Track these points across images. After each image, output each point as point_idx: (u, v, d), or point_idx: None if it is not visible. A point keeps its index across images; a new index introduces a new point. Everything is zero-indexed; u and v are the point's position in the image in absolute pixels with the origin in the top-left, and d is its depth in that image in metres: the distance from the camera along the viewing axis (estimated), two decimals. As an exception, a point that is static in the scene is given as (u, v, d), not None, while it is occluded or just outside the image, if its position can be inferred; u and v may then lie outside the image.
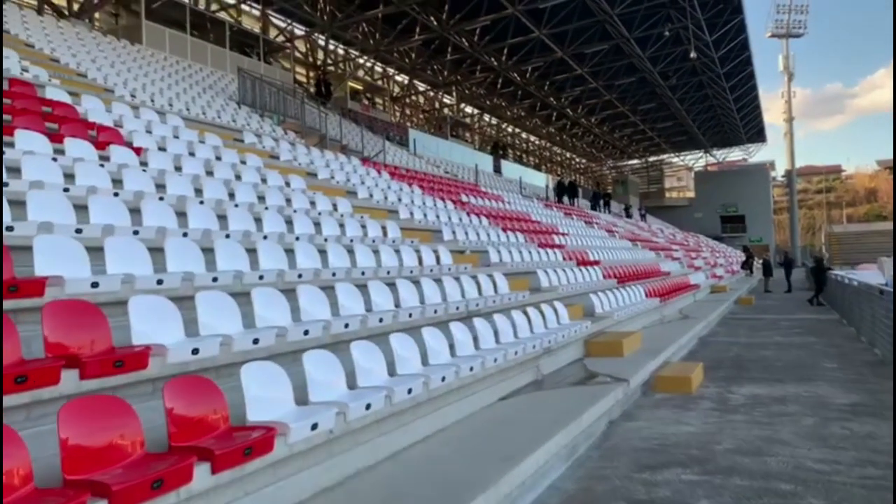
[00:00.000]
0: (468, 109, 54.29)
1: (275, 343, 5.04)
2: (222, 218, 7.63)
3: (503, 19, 34.52)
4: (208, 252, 6.16)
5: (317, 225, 9.05)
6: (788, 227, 78.07)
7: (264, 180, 10.94)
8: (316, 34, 36.98)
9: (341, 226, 9.55)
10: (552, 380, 8.13)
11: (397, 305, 7.26)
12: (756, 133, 71.19)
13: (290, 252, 7.28)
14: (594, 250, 19.10)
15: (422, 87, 47.79)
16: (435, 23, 34.92)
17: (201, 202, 7.95)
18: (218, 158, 11.03)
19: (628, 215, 47.53)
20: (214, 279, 5.66)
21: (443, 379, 5.48)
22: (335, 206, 10.85)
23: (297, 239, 7.87)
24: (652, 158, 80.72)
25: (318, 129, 21.57)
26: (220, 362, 4.66)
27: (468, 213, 16.30)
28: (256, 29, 34.34)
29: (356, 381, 5.06)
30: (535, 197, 32.16)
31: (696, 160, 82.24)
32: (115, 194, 6.97)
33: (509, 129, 60.98)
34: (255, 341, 4.81)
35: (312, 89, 34.65)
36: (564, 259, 15.71)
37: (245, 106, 21.13)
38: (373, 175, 16.43)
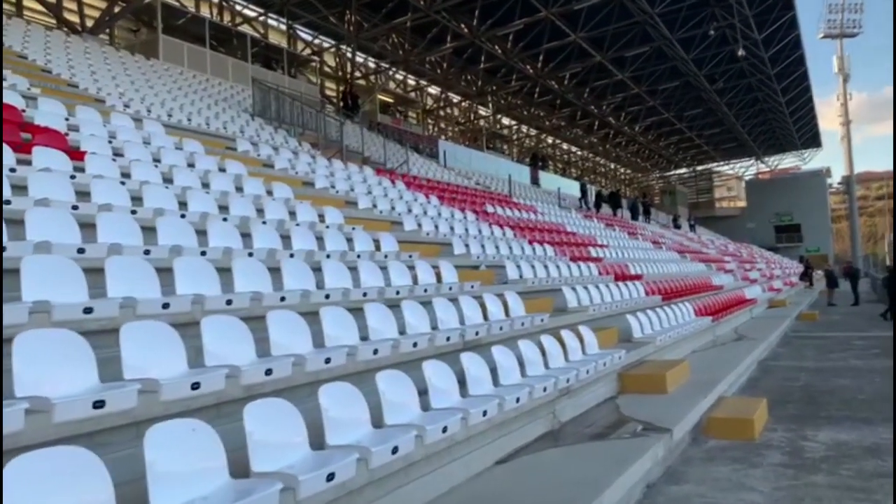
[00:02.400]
0: (505, 121, 52.69)
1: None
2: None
3: (537, 24, 32.88)
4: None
5: (285, 238, 7.50)
6: (848, 236, 73.98)
7: (270, 193, 9.64)
8: (343, 46, 35.99)
9: (319, 238, 7.99)
10: (572, 430, 6.37)
11: (363, 338, 5.63)
12: (811, 138, 67.66)
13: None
14: (636, 263, 17.18)
15: (456, 98, 46.40)
16: (465, 30, 33.51)
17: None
18: (191, 166, 9.65)
19: (676, 226, 45.09)
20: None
21: (394, 451, 3.81)
22: (321, 217, 9.33)
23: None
24: (700, 167, 77.67)
25: (338, 140, 20.35)
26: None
27: (491, 225, 14.63)
28: (283, 43, 33.52)
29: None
30: (574, 208, 30.31)
31: (747, 168, 78.86)
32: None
33: (549, 140, 59.09)
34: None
35: (340, 102, 33.60)
36: (600, 274, 13.87)
37: (259, 118, 20.02)
38: (385, 185, 14.92)
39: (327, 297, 6.11)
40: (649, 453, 5.43)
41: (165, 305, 4.66)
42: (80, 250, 5.06)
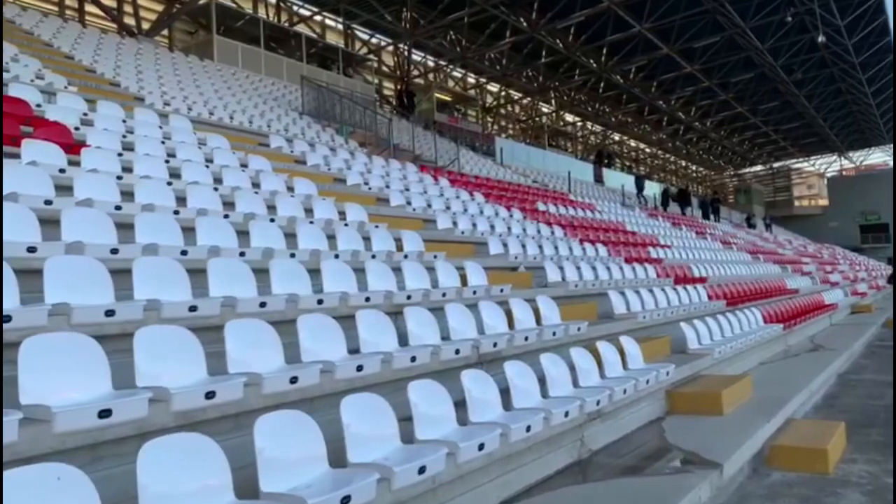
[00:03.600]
0: (569, 118, 51.23)
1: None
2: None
3: (599, 15, 31.55)
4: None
5: (290, 237, 6.84)
6: (942, 236, 68.75)
7: (291, 188, 9.11)
8: (400, 45, 35.57)
9: (330, 237, 7.29)
10: (603, 461, 5.43)
11: (353, 351, 4.88)
12: (901, 131, 63.18)
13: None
14: (701, 265, 15.88)
15: (517, 95, 45.32)
16: (525, 24, 32.48)
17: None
18: (210, 161, 9.14)
19: (750, 225, 42.73)
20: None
21: (345, 501, 3.02)
22: (341, 215, 8.65)
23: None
24: (777, 164, 73.83)
25: (388, 138, 19.82)
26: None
27: (539, 223, 13.69)
28: (340, 43, 33.32)
29: None
30: (638, 206, 28.89)
31: (829, 164, 74.46)
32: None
33: (615, 137, 57.21)
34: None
35: (395, 101, 33.20)
36: (658, 276, 12.73)
37: (308, 116, 19.66)
38: (426, 182, 14.19)
39: (320, 302, 5.38)
40: (689, 497, 4.46)
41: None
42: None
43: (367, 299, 5.84)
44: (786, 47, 36.72)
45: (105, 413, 3.05)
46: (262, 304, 4.93)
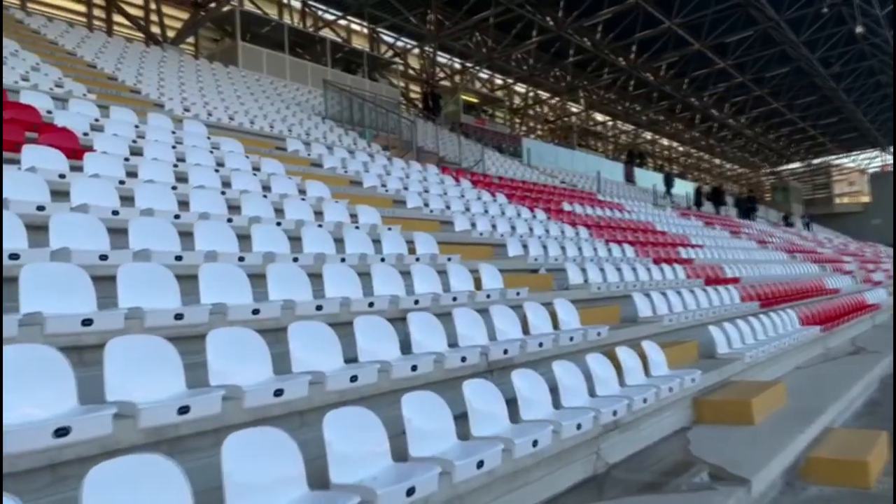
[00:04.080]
0: (599, 117, 50.52)
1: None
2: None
3: (627, 12, 30.95)
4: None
5: (295, 241, 6.60)
6: None
7: (303, 191, 8.93)
8: (426, 47, 35.40)
9: (338, 241, 7.04)
10: (622, 475, 5.06)
11: (350, 360, 4.61)
12: (945, 124, 60.98)
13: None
14: (734, 265, 15.30)
15: (545, 95, 44.79)
16: (551, 23, 32.04)
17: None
18: (221, 165, 8.98)
19: (788, 224, 41.56)
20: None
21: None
22: (353, 217, 8.41)
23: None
24: (816, 161, 71.86)
25: (411, 141, 19.64)
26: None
27: (563, 224, 13.30)
28: (366, 47, 33.26)
29: None
30: (670, 206, 28.25)
31: (871, 160, 72.21)
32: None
33: (647, 136, 56.27)
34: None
35: (420, 104, 33.03)
36: (688, 277, 12.25)
37: (331, 120, 19.55)
38: (448, 183, 13.91)
39: (319, 308, 5.13)
40: (713, 518, 4.09)
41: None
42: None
43: (371, 304, 5.58)
44: (822, 40, 35.59)
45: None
46: (255, 312, 4.69)
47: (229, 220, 6.58)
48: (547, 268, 9.64)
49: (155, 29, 24.06)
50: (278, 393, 3.74)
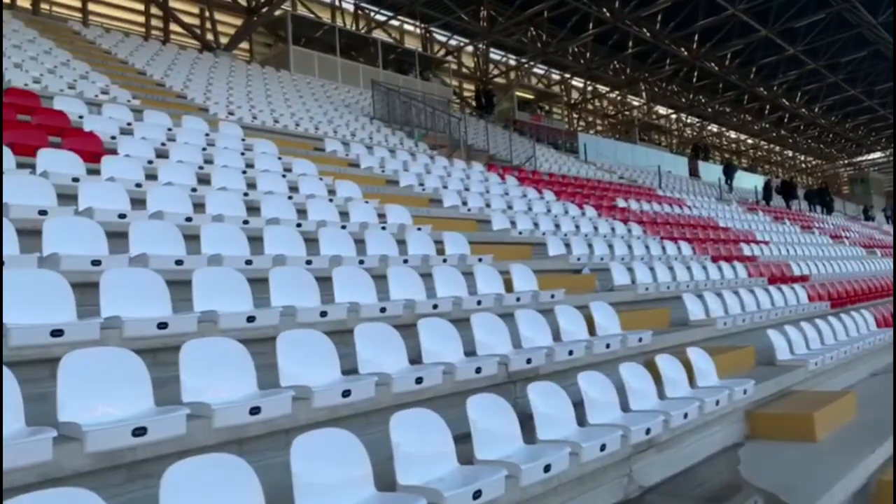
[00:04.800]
0: (661, 111, 48.94)
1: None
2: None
3: (688, 0, 29.77)
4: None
5: (311, 243, 6.27)
6: None
7: (332, 192, 8.70)
8: (479, 44, 34.95)
9: (359, 242, 6.68)
10: (656, 502, 4.50)
11: (350, 371, 4.22)
12: None
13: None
14: (803, 262, 14.28)
15: (604, 90, 43.64)
16: (607, 14, 31.07)
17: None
18: (250, 166, 8.77)
19: (868, 218, 39.20)
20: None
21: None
22: (381, 216, 8.06)
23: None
24: (899, 150, 67.83)
25: (461, 140, 19.26)
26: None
27: (615, 221, 12.64)
28: (419, 47, 33.06)
29: None
30: (735, 200, 26.92)
31: (961, 148, 67.64)
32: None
33: (713, 129, 54.23)
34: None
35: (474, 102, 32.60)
36: (750, 275, 11.41)
37: (379, 121, 19.36)
38: (492, 181, 13.44)
39: (324, 314, 4.76)
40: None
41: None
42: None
43: (383, 310, 5.18)
44: (903, 20, 33.38)
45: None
46: (251, 319, 4.36)
47: (245, 222, 6.31)
48: (591, 268, 9.06)
49: (210, 37, 24.46)
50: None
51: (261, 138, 10.48)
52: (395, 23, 32.83)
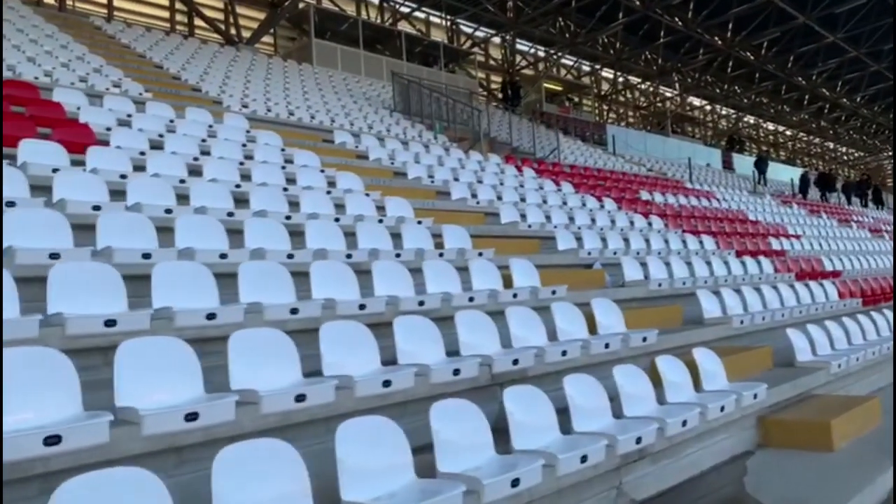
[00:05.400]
0: (696, 102, 47.76)
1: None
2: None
3: (721, -13, 28.94)
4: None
5: (297, 236, 6.00)
6: None
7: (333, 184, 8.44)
8: (506, 35, 34.42)
9: (350, 234, 6.40)
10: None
11: (311, 374, 3.93)
12: None
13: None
14: (837, 256, 13.63)
15: (635, 80, 42.71)
16: (637, 2, 30.31)
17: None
18: (248, 157, 8.56)
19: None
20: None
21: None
22: (381, 208, 7.77)
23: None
24: (948, 141, 65.29)
25: (484, 132, 18.88)
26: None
27: (635, 214, 12.16)
28: (445, 39, 32.69)
29: None
30: (770, 193, 26.06)
31: None
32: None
33: (749, 120, 52.79)
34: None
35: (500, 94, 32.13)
36: (776, 271, 10.87)
37: (399, 113, 19.09)
38: (509, 173, 13.06)
39: (294, 311, 4.48)
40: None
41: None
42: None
43: (362, 307, 4.89)
44: (950, 4, 31.93)
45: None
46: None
47: (230, 214, 6.06)
48: (603, 262, 8.64)
49: (235, 31, 24.43)
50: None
51: (268, 130, 10.25)
52: (421, 15, 32.52)
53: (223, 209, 6.15)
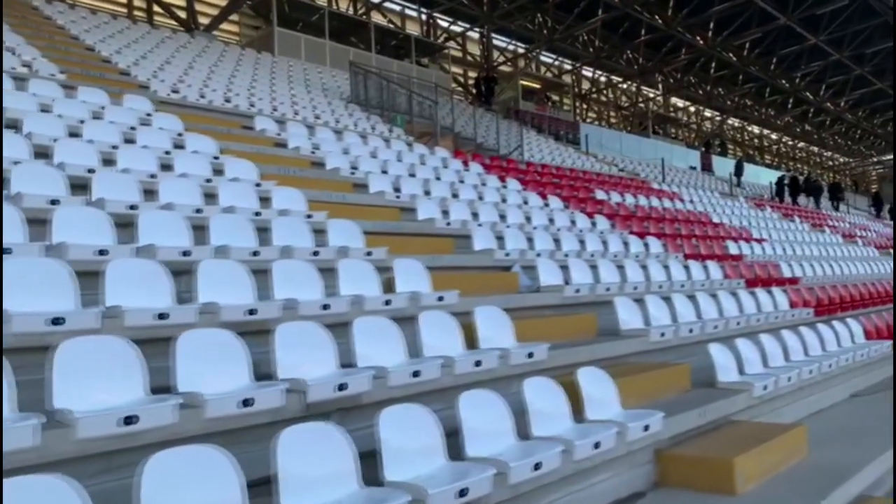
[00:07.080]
0: (680, 103, 47.12)
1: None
2: None
3: (700, -16, 28.22)
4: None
5: (124, 228, 5.14)
6: None
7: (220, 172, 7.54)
8: (482, 29, 33.60)
9: (198, 229, 5.53)
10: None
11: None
12: None
13: None
14: (798, 262, 12.86)
15: (617, 80, 41.97)
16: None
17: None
18: (131, 142, 7.67)
19: (894, 217, 37.13)
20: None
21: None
22: (265, 200, 6.90)
23: None
24: (933, 147, 64.95)
25: (447, 127, 18.06)
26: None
27: (579, 213, 11.35)
28: (421, 33, 31.83)
29: None
30: (744, 196, 25.39)
31: None
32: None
33: (734, 123, 52.20)
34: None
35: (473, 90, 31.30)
36: (726, 277, 10.08)
37: (353, 105, 18.24)
38: (453, 167, 12.23)
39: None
40: None
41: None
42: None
43: (162, 316, 4.03)
44: (934, 7, 31.30)
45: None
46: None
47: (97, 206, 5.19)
48: (523, 264, 7.81)
49: (200, 19, 23.50)
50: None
51: (168, 112, 9.37)
52: (396, 7, 31.65)
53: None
